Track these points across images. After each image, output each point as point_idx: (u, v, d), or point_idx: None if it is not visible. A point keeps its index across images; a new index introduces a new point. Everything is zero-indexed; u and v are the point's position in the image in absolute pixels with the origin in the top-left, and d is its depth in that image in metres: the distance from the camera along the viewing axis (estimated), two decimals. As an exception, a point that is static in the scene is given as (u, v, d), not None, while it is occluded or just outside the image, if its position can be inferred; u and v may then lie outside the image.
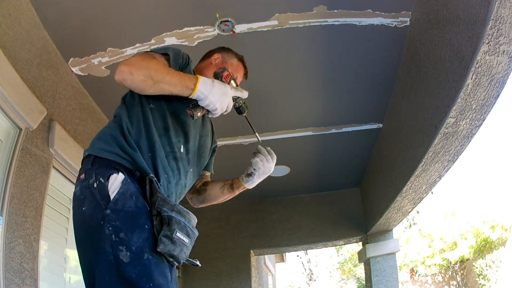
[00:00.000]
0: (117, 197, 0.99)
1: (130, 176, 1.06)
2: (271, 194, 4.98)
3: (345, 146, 3.82)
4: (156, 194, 1.04)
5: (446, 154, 2.43)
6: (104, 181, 1.01)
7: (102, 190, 1.00)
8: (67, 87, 2.42)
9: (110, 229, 0.95)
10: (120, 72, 1.10)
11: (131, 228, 0.96)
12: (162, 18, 2.17)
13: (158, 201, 1.02)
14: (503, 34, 1.53)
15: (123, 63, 1.12)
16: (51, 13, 2.09)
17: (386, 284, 4.34)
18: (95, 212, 0.98)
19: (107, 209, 0.97)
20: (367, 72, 2.75)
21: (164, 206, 1.02)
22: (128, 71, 1.10)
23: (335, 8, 2.19)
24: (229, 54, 1.55)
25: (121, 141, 1.12)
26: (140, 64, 1.12)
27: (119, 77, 1.11)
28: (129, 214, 0.98)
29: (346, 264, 19.52)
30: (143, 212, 1.01)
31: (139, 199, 1.02)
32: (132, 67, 1.10)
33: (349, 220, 4.82)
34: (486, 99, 1.89)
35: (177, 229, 1.01)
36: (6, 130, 1.87)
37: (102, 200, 0.99)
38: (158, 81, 1.11)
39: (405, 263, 13.61)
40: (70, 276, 2.39)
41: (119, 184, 1.01)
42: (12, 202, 1.75)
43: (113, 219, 0.96)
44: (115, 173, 1.03)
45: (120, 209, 0.97)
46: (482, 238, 10.76)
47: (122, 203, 0.98)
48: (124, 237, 0.94)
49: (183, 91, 1.15)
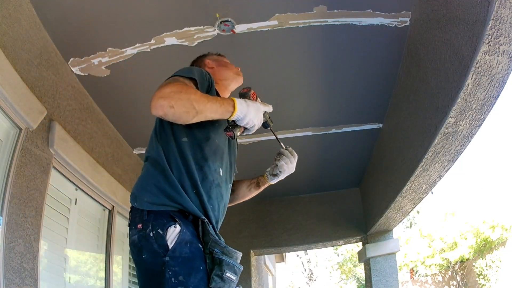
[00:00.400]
0: (175, 246, 1.12)
1: (184, 220, 1.18)
2: (271, 194, 4.98)
3: (345, 146, 3.82)
4: (208, 235, 1.18)
5: (446, 154, 2.43)
6: (162, 233, 1.13)
7: (160, 239, 1.12)
8: (67, 87, 2.42)
9: (170, 273, 1.08)
10: (160, 107, 1.10)
11: (188, 271, 1.10)
12: (162, 18, 2.17)
13: (210, 242, 1.17)
14: (503, 34, 1.53)
15: (159, 96, 1.11)
16: (51, 13, 2.09)
17: (386, 284, 4.34)
18: (155, 259, 1.12)
19: (166, 257, 1.10)
20: (367, 72, 2.75)
21: (216, 248, 1.17)
22: (168, 105, 1.10)
23: (335, 8, 2.19)
24: (209, 55, 1.66)
25: (167, 190, 1.20)
26: (178, 96, 1.12)
27: (160, 112, 1.11)
28: (185, 259, 1.11)
29: (345, 264, 19.51)
30: (197, 256, 1.14)
31: (193, 244, 1.15)
32: (172, 100, 1.10)
33: (349, 220, 4.82)
34: (486, 99, 1.89)
35: (227, 270, 1.15)
36: (6, 130, 1.87)
37: (159, 248, 1.11)
38: (201, 111, 1.14)
39: (405, 263, 13.61)
40: (70, 276, 2.39)
41: (176, 235, 1.13)
42: (12, 202, 1.75)
43: (172, 265, 1.09)
44: (173, 226, 1.14)
45: (178, 256, 1.11)
46: (482, 238, 10.77)
47: (179, 251, 1.12)
48: (182, 279, 1.08)
49: (223, 115, 1.20)
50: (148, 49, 2.35)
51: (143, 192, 1.22)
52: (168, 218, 1.16)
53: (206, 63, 1.62)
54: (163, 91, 1.12)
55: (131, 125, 3.14)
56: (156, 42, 2.31)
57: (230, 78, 1.61)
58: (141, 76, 2.60)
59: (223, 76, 1.58)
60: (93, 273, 2.68)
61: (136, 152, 3.52)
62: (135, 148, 3.48)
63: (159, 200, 1.19)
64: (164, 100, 1.10)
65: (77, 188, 2.54)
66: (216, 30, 2.25)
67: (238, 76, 1.64)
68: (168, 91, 1.12)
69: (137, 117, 3.05)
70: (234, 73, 1.63)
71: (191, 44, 2.34)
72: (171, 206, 1.18)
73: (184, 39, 2.30)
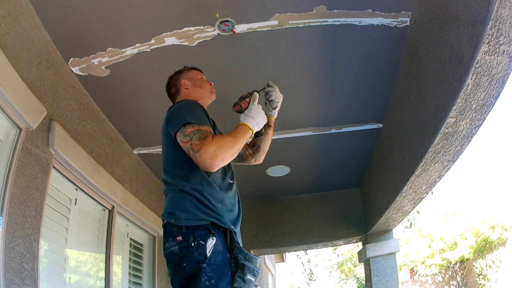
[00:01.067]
0: (211, 255, 1.36)
1: (217, 231, 1.43)
2: (271, 194, 4.98)
3: (345, 146, 3.82)
4: (234, 243, 1.44)
5: (446, 154, 2.43)
6: (204, 243, 1.37)
7: (201, 249, 1.36)
8: (67, 87, 2.42)
9: (205, 277, 1.32)
10: (216, 166, 1.38)
11: (219, 276, 1.34)
12: (162, 18, 2.17)
13: (235, 249, 1.42)
14: (503, 34, 1.53)
15: (209, 158, 1.35)
16: (51, 13, 2.09)
17: (386, 284, 4.34)
18: (194, 266, 1.35)
19: (204, 263, 1.34)
20: (367, 72, 2.75)
21: (240, 254, 1.42)
22: (221, 160, 1.38)
23: (335, 8, 2.19)
24: (184, 73, 1.84)
25: (201, 208, 1.44)
26: (223, 150, 1.38)
27: (215, 168, 1.38)
28: (218, 266, 1.36)
29: (345, 264, 19.51)
30: (226, 264, 1.39)
31: (224, 254, 1.40)
32: (219, 155, 1.37)
33: (349, 220, 4.82)
34: (486, 99, 1.89)
35: (248, 273, 1.39)
36: (6, 130, 1.87)
37: (199, 256, 1.35)
38: (238, 149, 1.45)
39: (405, 263, 13.61)
40: (70, 276, 2.39)
41: (212, 246, 1.38)
42: (12, 202, 1.75)
43: (208, 271, 1.33)
44: (211, 238, 1.39)
45: (213, 264, 1.35)
46: (482, 238, 10.76)
47: (214, 259, 1.36)
48: (214, 282, 1.32)
49: (247, 138, 1.53)
50: (148, 49, 2.35)
51: (179, 212, 1.44)
52: (206, 230, 1.40)
53: (182, 84, 1.80)
54: (209, 151, 1.36)
55: (131, 125, 3.14)
56: (156, 42, 2.31)
57: (205, 97, 1.79)
58: (141, 76, 2.60)
59: (199, 95, 1.76)
60: (93, 273, 2.68)
61: (136, 152, 3.52)
62: (135, 148, 3.48)
63: (195, 216, 1.42)
64: (215, 159, 1.36)
65: (77, 188, 2.54)
66: (216, 30, 2.25)
67: (212, 94, 1.84)
68: (212, 150, 1.36)
69: (137, 117, 3.05)
70: (208, 91, 1.82)
71: (191, 44, 2.34)
72: (206, 220, 1.42)
73: (184, 39, 2.30)
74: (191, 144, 1.40)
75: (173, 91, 1.83)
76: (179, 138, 1.46)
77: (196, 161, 1.38)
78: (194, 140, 1.40)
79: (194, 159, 1.38)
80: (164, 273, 3.89)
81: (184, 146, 1.44)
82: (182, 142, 1.44)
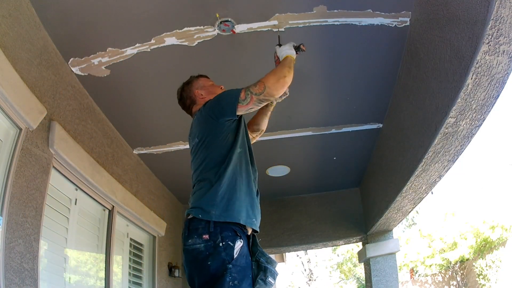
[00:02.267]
0: (238, 256, 1.39)
1: (243, 234, 1.47)
2: (271, 194, 4.98)
3: (345, 146, 3.82)
4: (257, 246, 1.51)
5: (446, 154, 2.43)
6: (233, 245, 1.40)
7: (229, 250, 1.39)
8: (67, 87, 2.42)
9: (230, 277, 1.35)
10: (285, 83, 1.60)
11: (242, 277, 1.38)
12: (162, 18, 2.17)
13: (257, 252, 1.49)
14: (503, 34, 1.53)
15: (275, 81, 1.58)
16: (51, 13, 2.09)
17: (386, 284, 4.34)
18: (220, 265, 1.37)
19: (230, 264, 1.37)
20: (367, 72, 2.75)
21: (262, 257, 1.48)
22: (283, 76, 1.59)
23: (335, 8, 2.19)
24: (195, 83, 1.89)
25: (233, 206, 1.47)
26: (278, 71, 1.63)
27: (285, 86, 1.61)
28: (242, 268, 1.40)
29: (345, 264, 19.50)
30: (249, 266, 1.43)
31: (248, 257, 1.45)
32: (280, 76, 1.60)
33: (349, 220, 4.82)
34: (486, 99, 1.89)
35: (269, 275, 1.45)
36: (6, 130, 1.87)
37: (226, 256, 1.38)
38: (289, 67, 1.66)
39: (405, 263, 13.60)
40: (70, 276, 2.39)
41: (240, 248, 1.41)
42: (12, 202, 1.75)
43: (233, 272, 1.36)
44: (239, 240, 1.42)
45: (238, 265, 1.38)
46: (482, 238, 10.75)
47: (240, 261, 1.39)
48: (237, 283, 1.36)
49: (293, 62, 1.73)
50: (148, 49, 2.35)
51: (210, 206, 1.46)
52: (233, 232, 1.43)
53: (197, 94, 1.84)
54: (271, 81, 1.58)
55: (131, 125, 3.14)
56: (156, 42, 2.31)
57: None
58: (141, 76, 2.60)
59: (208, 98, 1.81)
60: (93, 273, 2.68)
61: (136, 152, 3.52)
62: (135, 148, 3.48)
63: (226, 214, 1.44)
64: (280, 79, 1.57)
65: (77, 188, 2.54)
66: (216, 30, 2.25)
67: None
68: (271, 78, 1.58)
69: (137, 117, 3.05)
70: None
71: (191, 44, 2.34)
72: (236, 219, 1.45)
73: (184, 39, 2.30)
74: (255, 94, 1.54)
75: (188, 103, 1.87)
76: (243, 106, 1.56)
77: (270, 95, 1.56)
78: (253, 90, 1.56)
79: (267, 96, 1.56)
80: (164, 273, 3.89)
81: (252, 103, 1.56)
82: (247, 105, 1.56)
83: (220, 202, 1.45)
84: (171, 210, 4.35)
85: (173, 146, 3.44)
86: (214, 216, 1.43)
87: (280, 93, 1.59)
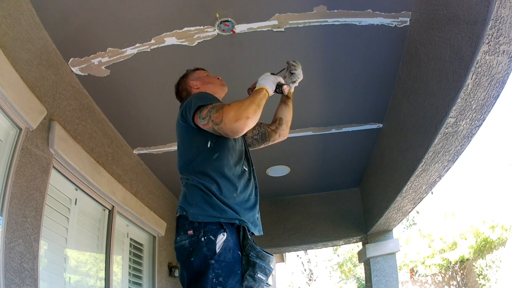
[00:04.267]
0: (221, 251, 1.31)
1: (231, 227, 1.38)
2: (271, 194, 4.98)
3: (345, 146, 3.82)
4: (247, 240, 1.38)
5: (446, 154, 2.43)
6: (214, 238, 1.32)
7: (211, 244, 1.32)
8: (67, 87, 2.42)
9: (213, 274, 1.28)
10: (243, 125, 1.37)
11: (228, 273, 1.29)
12: (162, 18, 2.17)
13: (247, 246, 1.36)
14: (503, 34, 1.53)
15: (233, 120, 1.36)
16: (51, 13, 2.09)
17: (386, 284, 4.34)
18: (203, 262, 1.30)
19: (212, 259, 1.29)
20: (367, 72, 2.75)
21: (252, 252, 1.36)
22: (246, 117, 1.37)
23: (335, 8, 2.19)
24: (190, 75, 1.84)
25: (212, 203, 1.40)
26: (243, 108, 1.39)
27: (245, 128, 1.38)
28: (228, 264, 1.31)
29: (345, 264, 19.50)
30: (237, 261, 1.34)
31: (235, 251, 1.35)
32: (242, 114, 1.37)
33: (349, 220, 4.82)
34: (486, 99, 1.89)
35: (258, 271, 1.34)
36: (6, 130, 1.87)
37: (208, 251, 1.30)
38: (259, 106, 1.45)
39: (405, 263, 13.60)
40: (70, 276, 2.39)
41: (223, 242, 1.33)
42: (12, 202, 1.75)
43: (216, 267, 1.28)
44: (222, 233, 1.34)
45: (222, 260, 1.30)
46: (482, 238, 10.75)
47: (224, 256, 1.31)
48: (222, 280, 1.27)
49: (265, 98, 1.52)
50: (148, 49, 2.35)
51: (190, 207, 1.41)
52: (218, 225, 1.36)
53: (192, 85, 1.79)
54: (230, 115, 1.37)
55: (131, 125, 3.14)
56: (156, 42, 2.31)
57: (218, 91, 1.78)
58: (141, 76, 2.60)
59: (211, 91, 1.72)
60: (93, 273, 2.68)
61: (136, 152, 3.52)
62: (135, 148, 3.48)
63: (205, 212, 1.38)
64: (240, 119, 1.36)
65: (77, 188, 2.54)
66: (216, 30, 2.25)
67: (223, 86, 1.83)
68: (233, 113, 1.38)
69: (137, 117, 3.05)
70: (218, 85, 1.82)
71: (191, 44, 2.34)
72: (215, 217, 1.37)
73: (184, 39, 2.30)
74: (212, 121, 1.40)
75: (184, 95, 1.82)
76: (200, 124, 1.46)
77: (224, 132, 1.39)
78: (213, 115, 1.40)
79: (221, 131, 1.39)
80: (164, 273, 3.89)
81: (208, 127, 1.44)
82: (204, 125, 1.45)
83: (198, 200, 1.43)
84: (171, 210, 4.35)
85: (173, 146, 3.44)
86: (193, 215, 1.40)
87: (236, 134, 1.39)
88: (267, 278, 1.38)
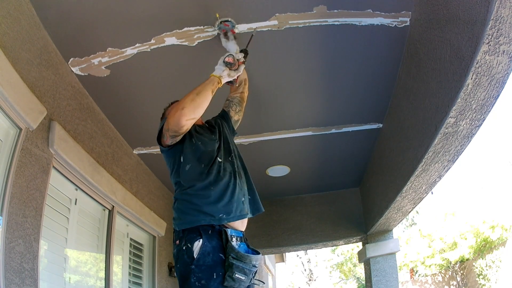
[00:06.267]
0: (199, 256, 1.41)
1: (209, 233, 1.48)
2: (271, 194, 4.98)
3: (345, 146, 3.82)
4: (229, 242, 1.47)
5: (446, 154, 2.43)
6: (191, 246, 1.44)
7: (189, 251, 1.43)
8: (67, 87, 2.42)
9: (195, 278, 1.38)
10: (182, 116, 1.50)
11: (209, 276, 1.39)
12: (162, 18, 2.17)
13: (228, 248, 1.46)
14: (503, 34, 1.53)
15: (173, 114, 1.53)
16: (51, 13, 2.09)
17: (386, 284, 4.34)
18: (185, 267, 1.42)
19: (192, 265, 1.40)
20: (367, 72, 2.75)
21: (231, 253, 1.45)
22: (181, 108, 1.51)
23: (335, 8, 2.19)
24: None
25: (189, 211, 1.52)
26: (181, 103, 1.54)
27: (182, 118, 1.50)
28: (208, 267, 1.40)
29: (345, 264, 19.50)
30: (218, 264, 1.42)
31: (214, 254, 1.44)
32: (179, 107, 1.51)
33: (349, 220, 4.82)
34: (486, 99, 1.89)
35: (236, 272, 1.42)
36: (6, 130, 1.87)
37: (188, 258, 1.42)
38: (198, 93, 1.57)
39: (405, 263, 13.61)
40: (70, 276, 2.39)
41: (199, 248, 1.43)
42: (12, 202, 1.75)
43: (196, 272, 1.39)
44: (198, 240, 1.44)
45: (201, 264, 1.40)
46: (482, 238, 10.76)
47: (203, 260, 1.41)
48: (204, 282, 1.38)
49: (214, 87, 1.66)
50: (148, 49, 2.35)
51: (174, 219, 1.58)
52: (197, 232, 1.46)
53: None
54: (172, 113, 1.53)
55: (131, 125, 3.14)
56: (156, 42, 2.31)
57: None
58: (141, 76, 2.60)
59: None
60: (93, 273, 2.68)
61: (136, 152, 3.52)
62: (135, 148, 3.48)
63: (184, 220, 1.51)
64: (177, 111, 1.48)
65: (77, 188, 2.54)
66: (216, 30, 2.25)
67: None
68: (173, 110, 1.53)
69: (137, 117, 3.05)
70: None
71: (191, 44, 2.34)
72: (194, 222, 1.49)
73: (184, 39, 2.30)
74: (167, 131, 1.59)
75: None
76: (164, 140, 1.66)
77: (172, 130, 1.53)
78: (165, 127, 1.60)
79: (171, 132, 1.55)
80: (164, 273, 3.89)
81: (166, 136, 1.62)
82: (166, 140, 1.64)
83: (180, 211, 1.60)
84: (171, 210, 4.34)
85: (173, 146, 3.44)
86: (177, 225, 1.56)
87: (179, 127, 1.52)
88: (246, 277, 1.46)
